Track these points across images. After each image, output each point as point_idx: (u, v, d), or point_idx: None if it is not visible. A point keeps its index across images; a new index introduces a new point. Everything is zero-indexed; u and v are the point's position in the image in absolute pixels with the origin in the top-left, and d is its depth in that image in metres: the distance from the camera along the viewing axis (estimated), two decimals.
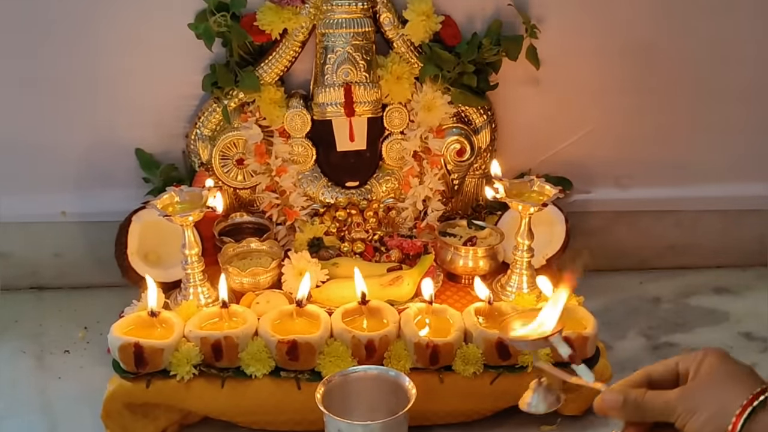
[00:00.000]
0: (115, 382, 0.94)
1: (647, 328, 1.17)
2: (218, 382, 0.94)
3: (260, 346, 0.94)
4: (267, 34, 1.12)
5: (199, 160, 1.18)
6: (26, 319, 1.19)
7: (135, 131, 1.20)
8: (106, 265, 1.15)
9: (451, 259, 1.13)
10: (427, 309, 0.98)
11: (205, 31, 1.11)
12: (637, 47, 1.20)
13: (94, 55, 1.15)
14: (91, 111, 1.19)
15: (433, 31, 1.14)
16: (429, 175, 1.20)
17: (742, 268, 1.33)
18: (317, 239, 1.16)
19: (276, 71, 1.15)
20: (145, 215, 1.13)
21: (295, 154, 1.18)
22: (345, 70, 1.13)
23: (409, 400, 0.85)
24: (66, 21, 1.13)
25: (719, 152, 1.28)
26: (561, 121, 1.24)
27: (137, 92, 1.18)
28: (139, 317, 0.97)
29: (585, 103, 1.23)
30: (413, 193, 1.20)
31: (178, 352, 0.93)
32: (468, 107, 1.18)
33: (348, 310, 0.99)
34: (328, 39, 1.13)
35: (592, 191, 1.29)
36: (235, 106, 1.16)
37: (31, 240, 1.24)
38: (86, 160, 1.21)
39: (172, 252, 1.09)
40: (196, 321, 0.96)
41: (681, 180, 1.29)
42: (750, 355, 1.10)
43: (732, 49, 1.21)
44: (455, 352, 0.94)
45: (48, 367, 1.09)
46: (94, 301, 1.21)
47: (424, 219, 1.22)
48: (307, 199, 1.19)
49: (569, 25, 1.18)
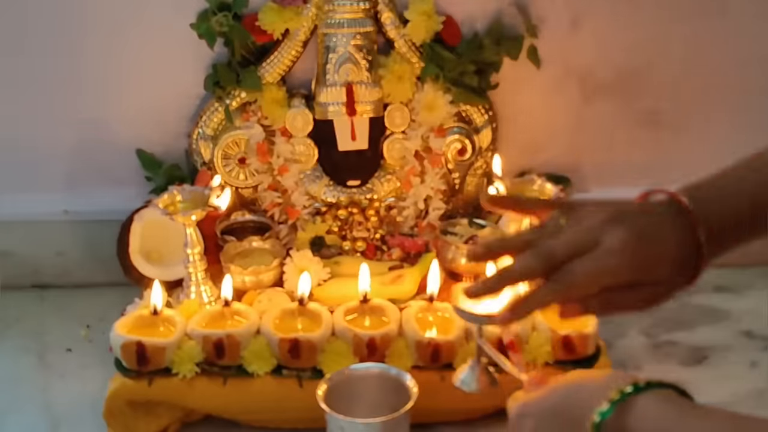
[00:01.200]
0: (117, 381, 0.94)
1: (648, 326, 1.17)
2: (220, 381, 0.94)
3: (262, 345, 0.94)
4: (269, 34, 1.12)
5: (201, 159, 1.18)
6: (28, 318, 1.20)
7: (137, 130, 1.20)
8: (108, 264, 1.16)
9: (453, 257, 1.14)
10: (428, 307, 0.99)
11: (206, 31, 1.11)
12: (639, 46, 1.20)
13: (95, 54, 1.16)
14: (93, 110, 1.19)
15: (435, 31, 1.14)
16: (430, 174, 1.20)
17: (743, 266, 1.32)
18: (319, 238, 1.17)
19: (278, 71, 1.15)
20: (147, 214, 1.13)
21: (296, 153, 1.18)
22: (346, 70, 1.13)
23: (410, 398, 0.85)
24: (69, 20, 1.14)
25: (719, 151, 1.28)
26: (561, 120, 1.25)
27: (139, 91, 1.18)
28: (141, 316, 0.97)
29: (585, 102, 1.23)
30: (414, 192, 1.21)
31: (181, 351, 0.93)
32: (469, 107, 1.19)
33: (350, 308, 0.99)
34: (329, 39, 1.13)
35: (592, 190, 1.29)
36: (237, 106, 1.16)
37: (33, 238, 1.24)
38: (88, 158, 1.21)
39: (174, 251, 1.09)
40: (198, 319, 0.97)
41: (681, 178, 1.29)
42: (751, 354, 1.11)
43: (731, 50, 1.21)
44: (456, 351, 0.94)
45: (50, 366, 1.09)
46: (96, 299, 1.21)
47: (425, 218, 1.22)
48: (308, 198, 1.20)
49: (570, 25, 1.18)
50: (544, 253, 0.62)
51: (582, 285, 0.61)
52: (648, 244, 0.61)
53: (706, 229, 0.63)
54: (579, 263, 0.60)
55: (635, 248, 0.60)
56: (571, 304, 0.63)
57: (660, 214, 0.63)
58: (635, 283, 0.62)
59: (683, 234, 0.62)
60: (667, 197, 0.65)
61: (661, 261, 0.62)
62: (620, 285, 0.62)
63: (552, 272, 0.61)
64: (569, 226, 0.63)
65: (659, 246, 0.61)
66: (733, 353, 1.11)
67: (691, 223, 0.63)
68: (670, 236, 0.62)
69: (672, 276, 0.63)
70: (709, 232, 0.63)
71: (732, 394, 1.02)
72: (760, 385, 1.04)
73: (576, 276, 0.60)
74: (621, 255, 0.60)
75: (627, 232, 0.61)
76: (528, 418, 0.59)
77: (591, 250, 0.60)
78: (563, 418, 0.56)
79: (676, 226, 0.63)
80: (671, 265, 0.62)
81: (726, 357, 1.11)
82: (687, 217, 0.63)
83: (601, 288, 0.61)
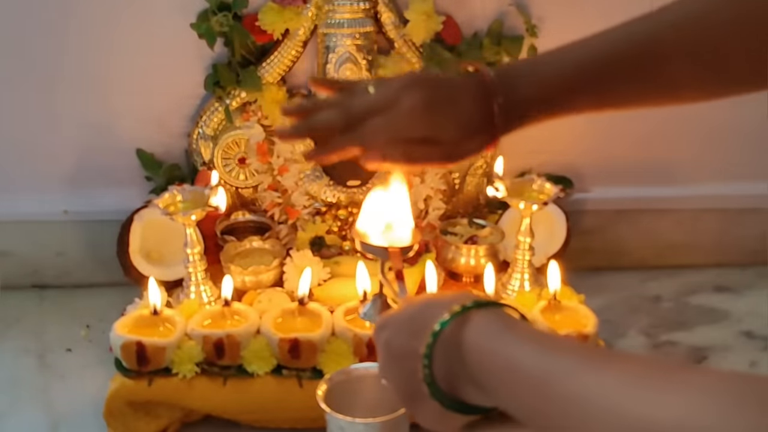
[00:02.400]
0: (117, 381, 0.94)
1: (648, 326, 1.17)
2: (220, 381, 0.94)
3: (262, 345, 0.94)
4: (269, 34, 1.12)
5: (201, 159, 1.19)
6: (28, 318, 1.20)
7: (137, 130, 1.20)
8: (108, 264, 1.16)
9: (453, 257, 1.14)
10: None
11: (207, 30, 1.11)
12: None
13: (96, 54, 1.16)
14: (93, 110, 1.19)
15: (435, 31, 1.14)
16: (430, 174, 1.20)
17: (743, 266, 1.33)
18: (319, 238, 1.17)
19: (278, 71, 1.15)
20: (147, 214, 1.13)
21: (296, 153, 1.18)
22: (346, 70, 1.13)
23: None
24: (68, 20, 1.14)
25: (719, 150, 1.28)
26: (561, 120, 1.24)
27: (139, 91, 1.18)
28: (141, 316, 0.97)
29: None
30: (414, 192, 1.21)
31: (180, 351, 0.93)
32: None
33: (350, 308, 0.99)
34: (329, 39, 1.13)
35: (593, 190, 1.29)
36: (237, 106, 1.16)
37: (33, 239, 1.24)
38: (88, 158, 1.21)
39: (174, 251, 1.09)
40: (198, 319, 0.97)
41: (681, 178, 1.30)
42: (751, 354, 1.11)
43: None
44: None
45: (50, 366, 1.09)
46: (96, 299, 1.21)
47: (425, 218, 1.22)
48: (308, 198, 1.20)
49: (570, 24, 1.18)
50: (344, 109, 0.69)
51: (374, 137, 0.68)
52: (438, 106, 0.67)
53: (504, 100, 0.68)
54: (372, 119, 0.68)
55: (425, 109, 0.67)
56: (372, 151, 0.69)
57: (460, 82, 0.69)
58: (429, 140, 0.68)
59: (475, 102, 0.68)
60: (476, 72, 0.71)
61: (450, 123, 0.68)
62: (415, 140, 0.68)
63: (351, 127, 0.69)
64: (375, 92, 0.69)
65: (449, 110, 0.68)
66: (732, 353, 1.12)
67: (487, 93, 0.68)
68: (463, 103, 0.68)
69: (463, 139, 0.69)
70: (510, 104, 0.68)
71: None
72: None
73: (367, 128, 0.68)
74: (410, 114, 0.67)
75: (420, 93, 0.67)
76: (385, 329, 0.63)
77: (387, 109, 0.68)
78: (413, 328, 0.59)
79: (470, 93, 0.68)
80: (461, 129, 0.69)
81: (726, 357, 1.11)
82: (484, 87, 0.68)
83: (397, 142, 0.68)
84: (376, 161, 0.69)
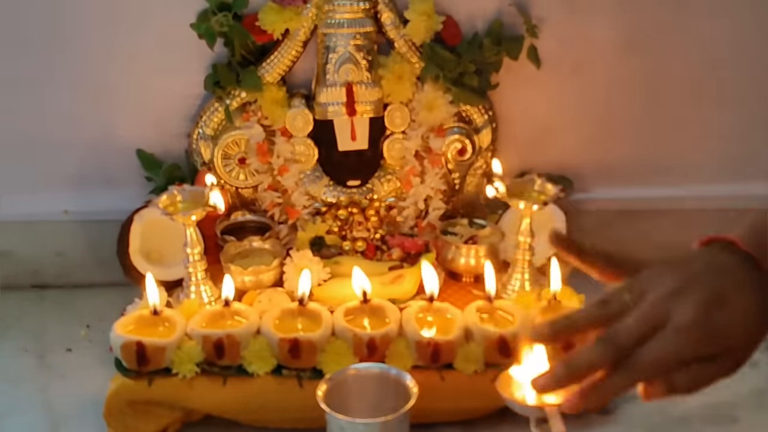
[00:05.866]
0: (117, 381, 0.94)
1: None
2: (220, 380, 0.94)
3: (262, 345, 0.94)
4: (269, 34, 1.12)
5: (201, 159, 1.19)
6: (28, 318, 1.20)
7: (137, 130, 1.20)
8: (108, 264, 1.16)
9: (453, 257, 1.14)
10: (428, 307, 0.99)
11: (206, 30, 1.11)
12: (639, 48, 1.20)
13: (96, 54, 1.16)
14: (93, 110, 1.19)
15: (435, 31, 1.14)
16: (430, 175, 1.20)
17: None
18: (319, 238, 1.17)
19: (278, 71, 1.15)
20: (147, 214, 1.13)
21: (296, 153, 1.18)
22: (346, 70, 1.13)
23: (410, 398, 0.85)
24: (68, 20, 1.14)
25: (719, 150, 1.28)
26: (561, 120, 1.25)
27: (139, 91, 1.18)
28: (141, 316, 0.97)
29: (586, 102, 1.24)
30: (414, 192, 1.21)
31: (180, 351, 0.93)
32: (469, 107, 1.19)
33: (350, 308, 0.99)
34: (329, 39, 1.13)
35: (593, 190, 1.29)
36: (237, 106, 1.16)
37: (33, 239, 1.24)
38: (88, 158, 1.21)
39: (174, 251, 1.09)
40: (198, 319, 0.97)
41: (680, 179, 1.30)
42: None
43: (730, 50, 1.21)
44: (456, 351, 0.94)
45: (50, 366, 1.09)
46: (96, 299, 1.21)
47: (425, 218, 1.22)
48: (308, 198, 1.20)
49: (570, 25, 1.19)
50: (611, 343, 0.59)
51: (653, 370, 0.59)
52: (717, 310, 0.58)
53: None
54: (647, 349, 0.58)
55: (706, 320, 0.58)
56: (654, 386, 0.60)
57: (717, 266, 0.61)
58: (716, 354, 0.59)
59: (751, 285, 0.59)
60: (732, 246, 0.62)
61: (737, 327, 0.59)
62: (700, 359, 0.59)
63: (621, 360, 0.59)
64: (634, 302, 0.60)
65: (729, 309, 0.58)
66: None
67: (755, 265, 0.60)
68: (736, 290, 0.59)
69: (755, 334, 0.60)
70: None
71: (732, 394, 1.01)
72: (761, 385, 1.04)
73: (645, 363, 0.58)
74: (688, 334, 0.58)
75: (694, 305, 0.58)
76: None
77: (659, 329, 0.58)
78: None
79: (736, 277, 0.60)
80: (749, 326, 0.59)
81: None
82: (748, 260, 0.60)
83: (679, 366, 0.59)
84: (661, 396, 0.60)
